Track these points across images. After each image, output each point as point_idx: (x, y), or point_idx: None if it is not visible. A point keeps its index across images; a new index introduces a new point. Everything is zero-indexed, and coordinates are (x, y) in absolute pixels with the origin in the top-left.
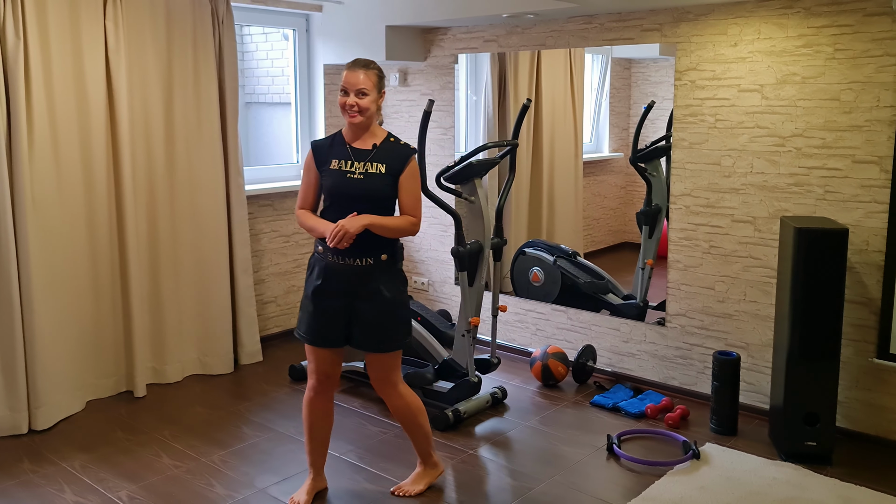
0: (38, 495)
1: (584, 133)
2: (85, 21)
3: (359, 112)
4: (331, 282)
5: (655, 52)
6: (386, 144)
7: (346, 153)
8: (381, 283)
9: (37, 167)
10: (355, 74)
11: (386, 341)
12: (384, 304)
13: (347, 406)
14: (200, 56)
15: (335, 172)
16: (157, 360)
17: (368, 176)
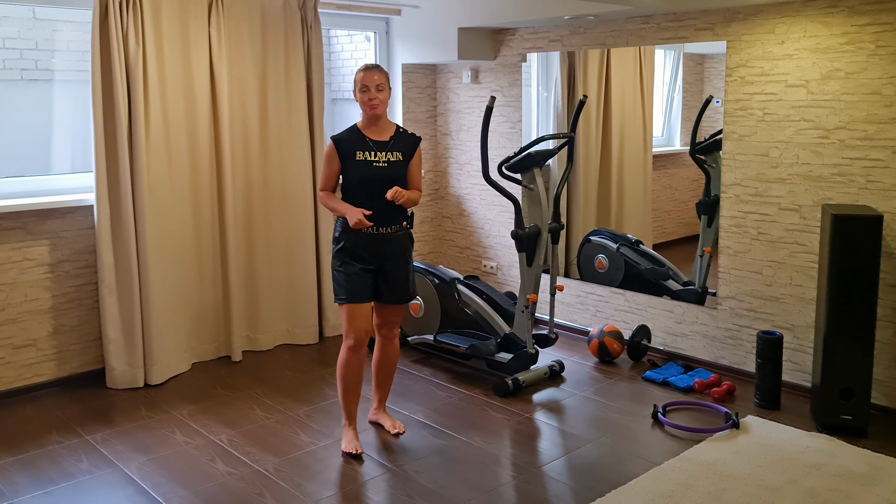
0: (155, 436)
1: (655, 127)
2: (193, 30)
3: (380, 104)
4: (360, 248)
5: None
6: (399, 135)
7: (367, 145)
8: (404, 245)
9: (152, 158)
10: (372, 74)
11: (405, 293)
12: (405, 264)
13: (418, 374)
14: (291, 58)
15: (361, 163)
16: (251, 330)
17: (391, 164)
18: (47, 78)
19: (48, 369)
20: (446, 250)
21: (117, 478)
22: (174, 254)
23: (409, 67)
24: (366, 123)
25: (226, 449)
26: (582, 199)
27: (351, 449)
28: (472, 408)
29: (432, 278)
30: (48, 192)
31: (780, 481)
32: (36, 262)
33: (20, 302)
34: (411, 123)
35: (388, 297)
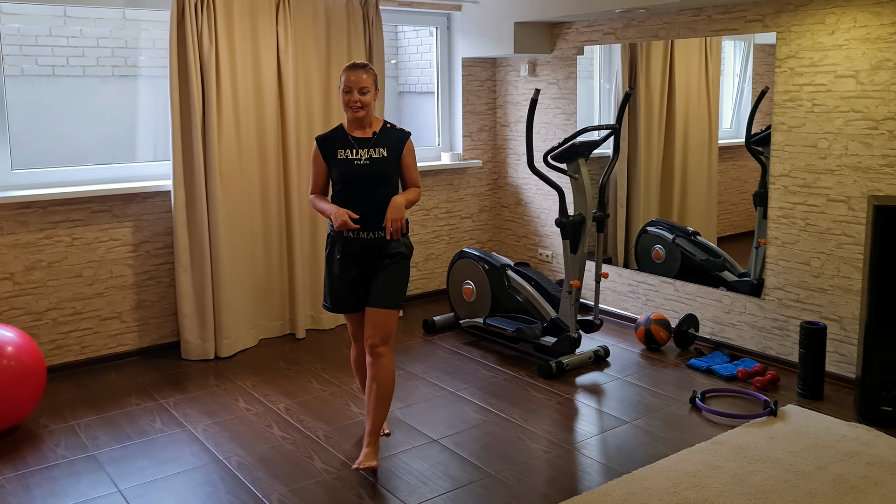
0: (220, 402)
1: (722, 119)
2: (261, 27)
3: (361, 107)
4: (348, 254)
5: None
6: (384, 131)
7: (349, 143)
8: (393, 251)
9: (223, 147)
10: (357, 74)
11: (392, 297)
12: (397, 265)
13: (468, 355)
14: (353, 53)
15: (342, 161)
16: (314, 310)
17: (373, 160)
18: (134, 74)
19: (130, 340)
20: (504, 238)
21: (185, 437)
22: (243, 237)
23: (468, 61)
24: (349, 122)
25: (282, 416)
26: (643, 190)
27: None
28: (516, 387)
29: (483, 264)
30: (132, 179)
31: (809, 467)
32: (120, 242)
33: (107, 278)
34: (471, 115)
35: (371, 299)
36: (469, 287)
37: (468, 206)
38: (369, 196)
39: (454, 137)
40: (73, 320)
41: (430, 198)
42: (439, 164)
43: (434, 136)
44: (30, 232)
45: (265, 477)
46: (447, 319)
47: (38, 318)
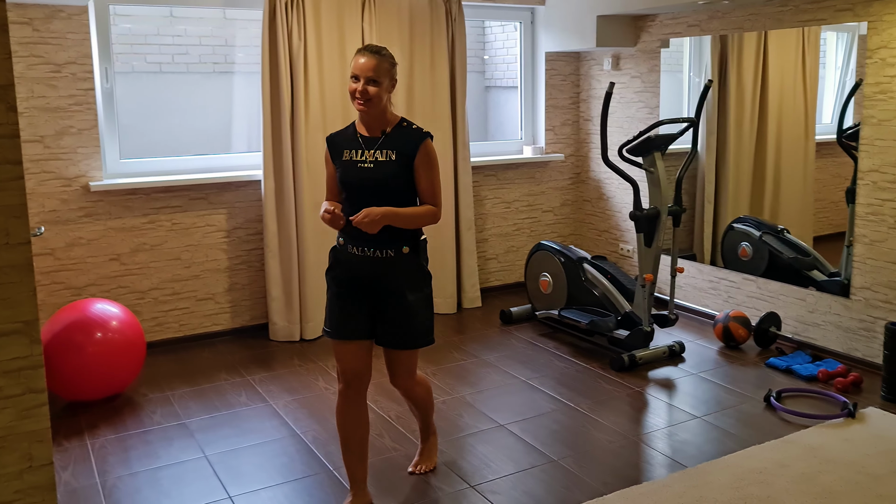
0: (302, 381)
1: (823, 113)
2: (347, 24)
3: (367, 101)
4: (352, 273)
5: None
6: (397, 130)
7: (356, 142)
8: (405, 282)
9: (310, 139)
10: (367, 60)
11: (408, 341)
12: (407, 306)
13: (542, 346)
14: (436, 49)
15: (346, 163)
16: None
17: (378, 164)
18: (231, 70)
19: (223, 320)
20: (586, 233)
21: (267, 412)
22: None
23: (552, 55)
24: (360, 118)
25: None
26: (732, 185)
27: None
28: (587, 379)
29: (560, 257)
30: (227, 169)
31: (883, 470)
32: (215, 228)
33: (202, 261)
34: (553, 110)
35: (382, 338)
36: (546, 279)
37: (550, 200)
38: (372, 204)
39: (537, 131)
40: (172, 300)
41: (511, 191)
42: (521, 158)
43: (517, 129)
44: (135, 217)
45: (337, 451)
46: (524, 311)
47: (142, 296)
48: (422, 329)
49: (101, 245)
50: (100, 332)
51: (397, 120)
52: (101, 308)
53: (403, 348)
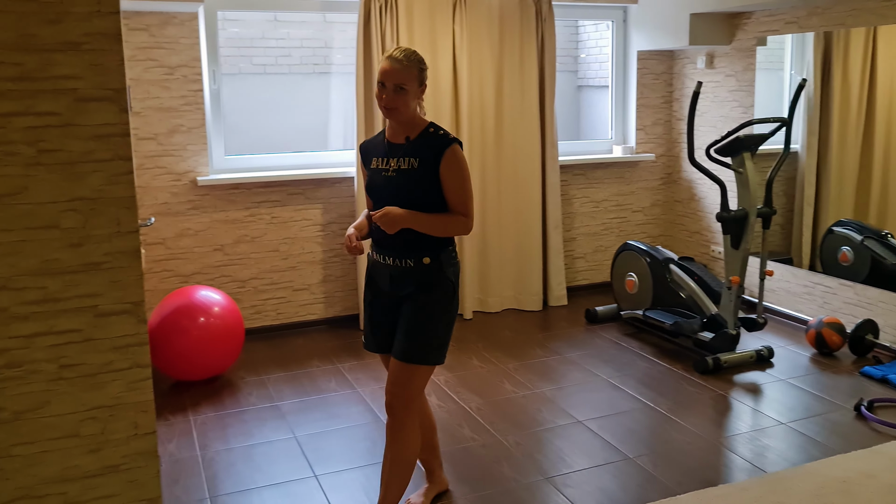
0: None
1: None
2: (439, 26)
3: (392, 108)
4: (375, 282)
5: None
6: (423, 136)
7: (383, 150)
8: (419, 293)
9: None
10: (393, 67)
11: (416, 353)
12: (412, 316)
13: (626, 345)
14: (525, 49)
15: (373, 171)
16: (482, 293)
17: (400, 172)
18: (329, 71)
19: (318, 310)
20: (676, 234)
21: (354, 398)
22: None
23: (644, 54)
24: (389, 124)
25: (441, 387)
26: (834, 188)
27: (412, 501)
28: (670, 380)
29: (646, 257)
30: (323, 165)
31: None
32: (311, 222)
33: (299, 253)
34: (645, 109)
35: (394, 346)
36: (631, 279)
37: (639, 200)
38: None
39: (627, 131)
40: (270, 289)
41: (600, 190)
42: (611, 157)
43: (607, 129)
44: (238, 210)
45: None
46: (610, 310)
47: (242, 285)
48: (423, 345)
49: (206, 236)
50: (203, 318)
51: (425, 125)
52: (204, 295)
53: (397, 358)
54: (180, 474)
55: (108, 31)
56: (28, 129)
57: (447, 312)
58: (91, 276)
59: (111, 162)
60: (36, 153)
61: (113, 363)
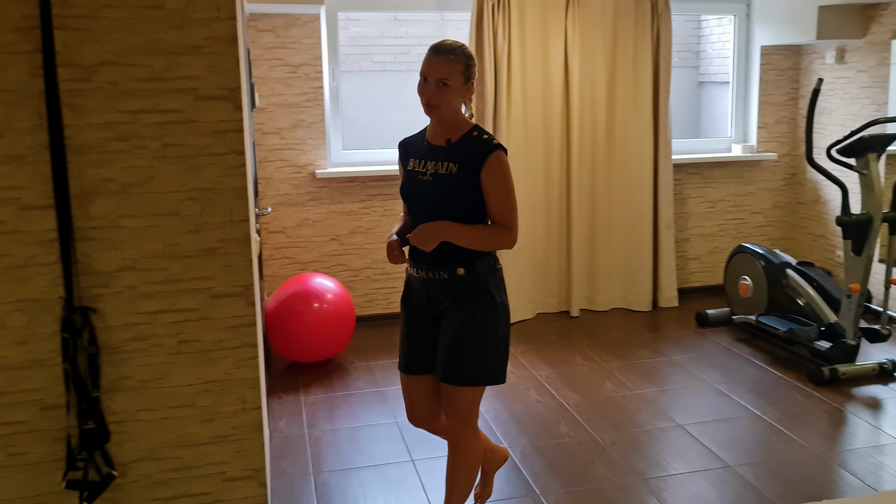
0: None
1: None
2: (551, 24)
3: (434, 105)
4: (412, 298)
5: None
6: (465, 140)
7: (422, 151)
8: (460, 305)
9: (511, 133)
10: (437, 60)
11: (456, 373)
12: (460, 329)
13: (736, 351)
14: (639, 46)
15: (409, 173)
16: (590, 291)
17: (437, 178)
18: None
19: None
20: (799, 237)
21: None
22: (525, 216)
23: (768, 49)
24: (431, 123)
25: (541, 382)
26: None
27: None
28: (780, 389)
29: (761, 261)
30: None
31: None
32: None
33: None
34: (767, 106)
35: (438, 368)
36: (745, 283)
37: (759, 201)
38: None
39: (748, 129)
40: (381, 279)
41: (717, 190)
42: (729, 156)
43: (727, 127)
44: (353, 202)
45: (514, 430)
46: (722, 314)
47: (356, 274)
48: (477, 364)
49: (323, 226)
50: (317, 303)
51: (468, 128)
52: (319, 282)
53: (449, 382)
54: (288, 449)
55: (226, 34)
56: (155, 125)
57: (490, 330)
58: (206, 261)
59: (226, 156)
60: (161, 147)
61: (224, 341)
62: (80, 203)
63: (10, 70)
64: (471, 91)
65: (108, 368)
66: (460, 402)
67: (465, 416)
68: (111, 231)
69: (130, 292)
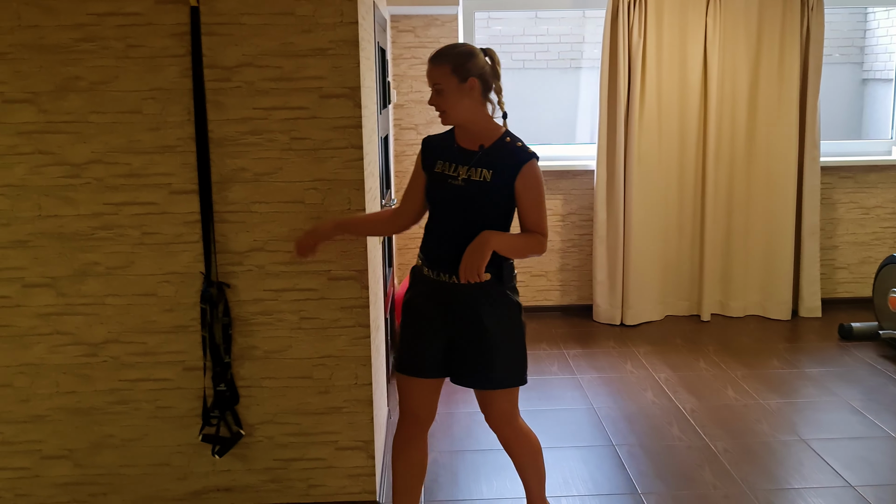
0: (611, 362)
1: None
2: (690, 20)
3: (441, 112)
4: (426, 300)
5: None
6: (498, 146)
7: (452, 154)
8: (485, 311)
9: (643, 134)
10: (428, 69)
11: (490, 379)
12: (484, 335)
13: (879, 367)
14: (786, 42)
15: (438, 176)
16: (723, 296)
17: (470, 184)
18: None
19: (553, 296)
20: None
21: (572, 384)
22: (656, 217)
23: None
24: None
25: (659, 384)
26: None
27: None
28: None
29: None
30: (566, 158)
31: None
32: (552, 212)
33: None
34: None
35: (463, 376)
36: (895, 297)
37: None
38: (460, 229)
39: None
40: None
41: (873, 196)
42: (889, 160)
43: (888, 128)
44: None
45: (624, 429)
46: (868, 328)
47: None
48: (508, 365)
49: None
50: None
51: (500, 133)
52: None
53: (484, 388)
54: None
55: (348, 38)
56: (284, 121)
57: (518, 328)
58: (326, 245)
59: (346, 149)
60: (289, 140)
61: (340, 320)
62: (219, 189)
63: (165, 71)
64: (475, 89)
65: (239, 338)
66: (504, 404)
67: (509, 418)
68: (245, 215)
69: (260, 271)
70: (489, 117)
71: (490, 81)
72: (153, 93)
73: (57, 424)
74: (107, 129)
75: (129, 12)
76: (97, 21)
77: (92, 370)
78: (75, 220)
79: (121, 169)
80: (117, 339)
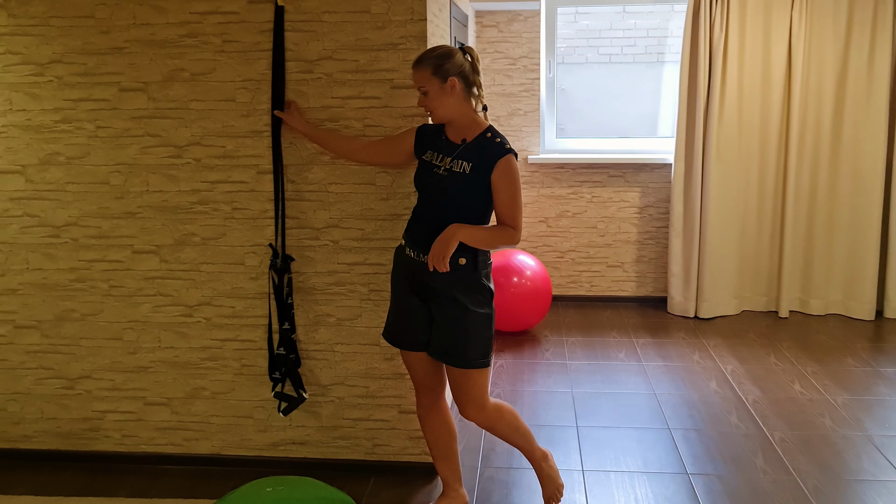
0: (678, 351)
1: None
2: (775, 14)
3: (430, 112)
4: (407, 279)
5: None
6: (479, 140)
7: (440, 145)
8: (461, 293)
9: (723, 128)
10: (412, 73)
11: (455, 355)
12: (460, 312)
13: None
14: (877, 38)
15: (425, 164)
16: (803, 293)
17: (452, 175)
18: (667, 60)
19: (629, 287)
20: None
21: (636, 369)
22: (734, 211)
23: None
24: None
25: (724, 375)
26: None
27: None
28: None
29: None
30: (645, 151)
31: None
32: (629, 204)
33: (615, 232)
34: None
35: (433, 348)
36: None
37: None
38: (440, 216)
39: None
40: (586, 262)
41: None
42: None
43: None
44: (562, 187)
45: (683, 414)
46: None
47: (561, 255)
48: (477, 346)
49: (533, 208)
50: (516, 278)
51: (482, 129)
52: (521, 259)
53: (453, 364)
54: None
55: (418, 34)
56: (358, 109)
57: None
58: (394, 224)
59: None
60: (363, 127)
61: None
62: (300, 171)
63: (255, 63)
64: (457, 88)
65: (315, 306)
66: (469, 387)
67: (480, 405)
68: (322, 195)
69: (334, 246)
70: (473, 113)
71: (470, 78)
72: (245, 83)
73: (158, 375)
74: (205, 115)
75: (227, 11)
76: (199, 19)
77: (188, 329)
78: (177, 195)
79: (216, 151)
80: (209, 303)
